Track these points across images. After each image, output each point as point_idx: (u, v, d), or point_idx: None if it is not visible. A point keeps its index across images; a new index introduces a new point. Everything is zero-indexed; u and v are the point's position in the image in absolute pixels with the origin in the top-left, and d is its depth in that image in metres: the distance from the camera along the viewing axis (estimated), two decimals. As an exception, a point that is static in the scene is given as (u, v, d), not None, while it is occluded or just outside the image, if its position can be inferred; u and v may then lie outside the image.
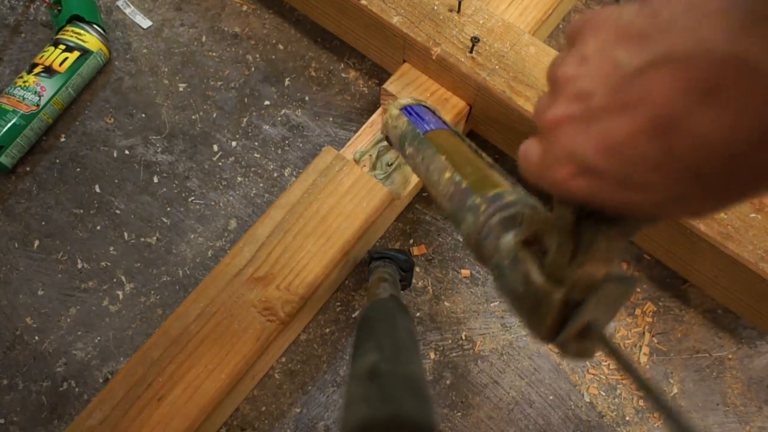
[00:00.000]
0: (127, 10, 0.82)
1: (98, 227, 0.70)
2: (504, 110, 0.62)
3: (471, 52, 0.63)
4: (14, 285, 0.68)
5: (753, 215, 0.56)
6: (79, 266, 0.69)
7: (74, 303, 0.67)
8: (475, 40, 0.62)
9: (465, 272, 0.68)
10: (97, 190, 0.72)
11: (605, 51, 0.24)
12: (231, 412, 0.62)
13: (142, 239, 0.70)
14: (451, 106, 0.66)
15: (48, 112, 0.72)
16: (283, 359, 0.65)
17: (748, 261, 0.54)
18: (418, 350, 0.46)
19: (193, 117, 0.76)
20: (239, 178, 0.73)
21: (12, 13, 0.82)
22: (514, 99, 0.61)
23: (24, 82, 0.72)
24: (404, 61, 0.68)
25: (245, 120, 0.76)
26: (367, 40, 0.72)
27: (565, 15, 0.81)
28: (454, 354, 0.65)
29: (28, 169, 0.73)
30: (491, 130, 0.68)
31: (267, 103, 0.77)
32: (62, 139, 0.75)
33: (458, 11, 0.65)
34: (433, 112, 0.56)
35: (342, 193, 0.62)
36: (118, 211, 0.71)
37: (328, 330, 0.66)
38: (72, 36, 0.74)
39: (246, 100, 0.77)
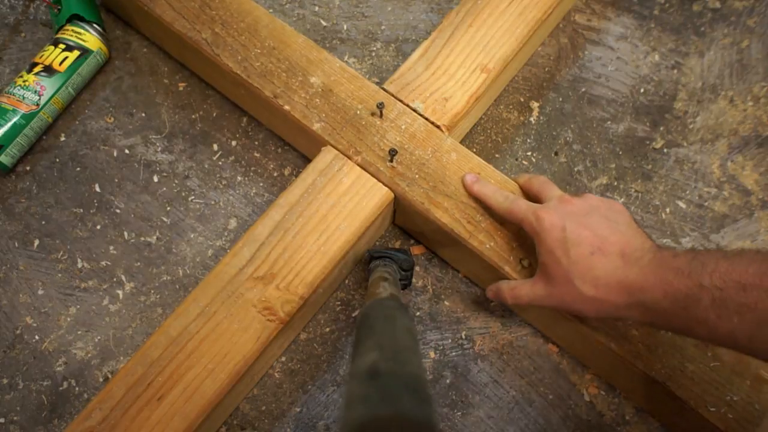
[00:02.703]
0: (127, 10, 0.82)
1: (98, 226, 0.71)
2: (423, 220, 0.62)
3: (391, 161, 0.62)
4: (14, 284, 0.68)
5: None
6: (79, 265, 0.69)
7: (74, 302, 0.67)
8: (393, 152, 0.61)
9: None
10: (97, 189, 0.72)
11: None
12: (231, 412, 0.62)
13: (142, 238, 0.70)
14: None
15: (48, 111, 0.72)
16: (283, 359, 0.65)
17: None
18: (418, 350, 0.46)
19: (193, 116, 0.76)
20: (239, 178, 0.73)
21: (12, 13, 0.82)
22: (432, 211, 0.61)
23: (24, 81, 0.72)
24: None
25: (245, 119, 0.76)
26: (295, 139, 0.72)
27: (565, 14, 0.81)
28: (453, 353, 0.65)
29: (28, 168, 0.73)
30: (415, 233, 0.68)
31: (267, 102, 0.77)
32: (62, 139, 0.75)
33: (380, 116, 0.64)
34: None
35: (342, 193, 0.62)
36: (118, 211, 0.71)
37: (328, 329, 0.66)
38: (72, 35, 0.74)
39: (246, 99, 0.77)
